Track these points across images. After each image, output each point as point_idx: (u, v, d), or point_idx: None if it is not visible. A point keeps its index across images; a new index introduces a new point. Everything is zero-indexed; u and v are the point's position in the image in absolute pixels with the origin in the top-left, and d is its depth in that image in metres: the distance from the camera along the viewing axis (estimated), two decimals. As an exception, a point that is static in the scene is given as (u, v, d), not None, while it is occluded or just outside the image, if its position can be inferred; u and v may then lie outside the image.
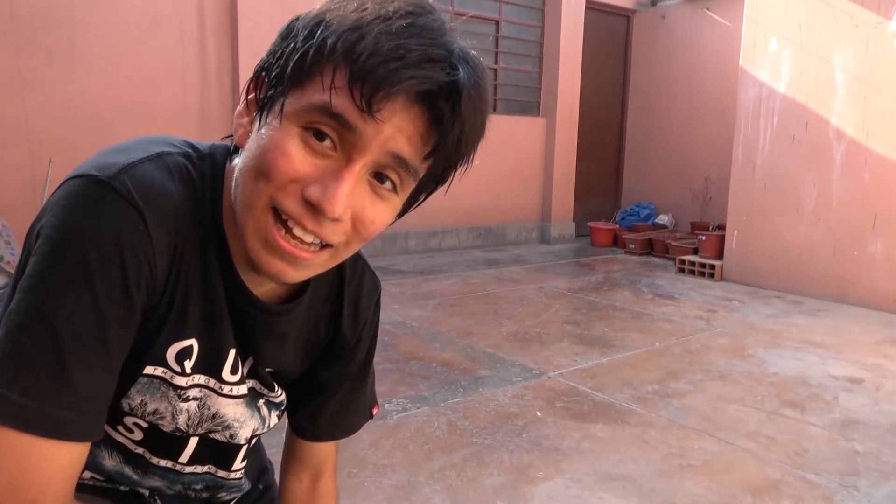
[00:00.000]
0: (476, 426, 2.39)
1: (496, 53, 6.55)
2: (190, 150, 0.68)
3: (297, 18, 0.60)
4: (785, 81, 4.80)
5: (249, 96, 0.63)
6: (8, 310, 0.57)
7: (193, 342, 0.70)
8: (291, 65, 0.57)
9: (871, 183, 4.39)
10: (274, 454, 0.98)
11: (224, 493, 0.87)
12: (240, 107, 0.65)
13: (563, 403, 2.64)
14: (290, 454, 0.90)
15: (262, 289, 0.72)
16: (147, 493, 0.82)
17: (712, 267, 5.29)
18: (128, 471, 0.79)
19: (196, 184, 0.66)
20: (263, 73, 0.61)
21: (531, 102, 6.94)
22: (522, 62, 6.82)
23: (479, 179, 6.51)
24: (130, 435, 0.75)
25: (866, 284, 4.43)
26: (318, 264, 0.63)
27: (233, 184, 0.64)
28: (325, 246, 0.62)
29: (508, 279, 5.09)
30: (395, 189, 0.62)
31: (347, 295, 0.80)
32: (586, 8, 6.94)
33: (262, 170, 0.58)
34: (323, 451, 0.89)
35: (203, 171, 0.67)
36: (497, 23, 6.51)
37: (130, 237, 0.58)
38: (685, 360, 3.22)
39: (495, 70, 6.60)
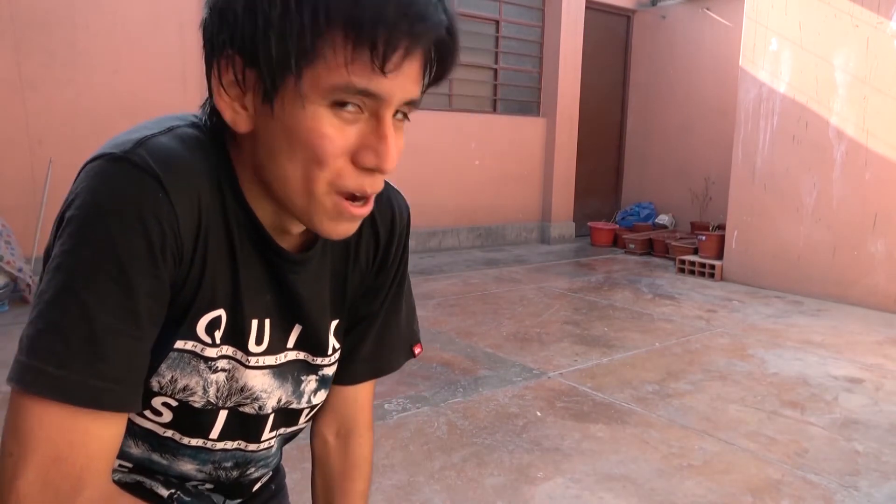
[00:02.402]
0: (476, 426, 2.39)
1: (496, 53, 6.55)
2: (196, 120, 0.69)
3: None
4: (785, 81, 4.80)
5: (226, 79, 0.61)
6: (39, 291, 0.58)
7: (222, 312, 0.69)
8: (292, 45, 0.56)
9: (871, 183, 4.39)
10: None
11: (252, 469, 0.85)
12: (218, 91, 0.63)
13: (563, 403, 2.64)
14: (322, 407, 0.87)
15: (283, 244, 0.72)
16: (168, 495, 0.81)
17: (712, 267, 5.29)
18: (156, 457, 0.78)
19: (210, 152, 0.66)
20: (231, 51, 0.59)
21: (531, 102, 6.94)
22: (522, 62, 6.82)
23: (479, 179, 6.51)
24: (158, 418, 0.74)
25: (866, 284, 4.43)
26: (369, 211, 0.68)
27: (250, 163, 0.66)
28: None
29: (508, 279, 5.09)
30: (405, 117, 0.67)
31: (381, 221, 0.82)
32: (586, 8, 6.94)
33: (309, 157, 0.60)
34: (356, 399, 0.87)
35: (212, 137, 0.67)
36: (497, 23, 6.51)
37: (152, 207, 0.58)
38: (685, 360, 3.22)
39: (495, 70, 6.60)
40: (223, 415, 0.76)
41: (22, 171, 4.20)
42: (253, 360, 0.74)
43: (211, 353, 0.70)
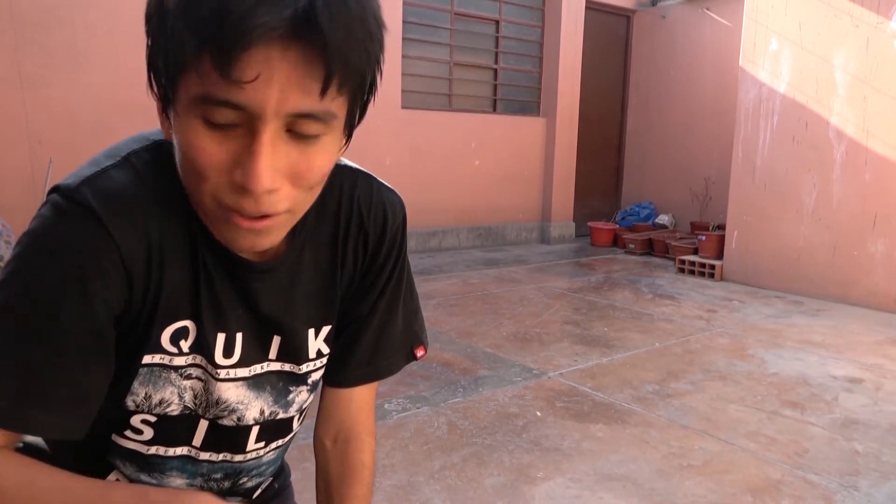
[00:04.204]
0: (476, 426, 2.39)
1: (496, 53, 6.55)
2: (160, 142, 0.69)
3: None
4: (785, 81, 4.80)
5: (153, 93, 0.61)
6: None
7: (188, 323, 0.70)
8: (162, 58, 0.55)
9: (871, 183, 4.39)
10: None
11: (245, 479, 0.85)
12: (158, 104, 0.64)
13: (563, 403, 2.64)
14: (319, 409, 0.87)
15: (251, 253, 0.71)
16: None
17: (712, 267, 5.29)
18: (144, 478, 0.78)
19: (170, 168, 0.66)
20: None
21: (531, 102, 6.94)
22: (522, 62, 6.82)
23: (479, 179, 6.51)
24: (140, 437, 0.75)
25: (866, 284, 4.43)
26: (279, 225, 0.62)
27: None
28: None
29: (508, 279, 5.09)
30: (326, 132, 0.58)
31: (371, 223, 0.79)
32: (586, 8, 6.94)
33: (192, 170, 0.59)
34: (354, 402, 0.86)
35: (171, 161, 0.66)
36: (497, 23, 6.51)
37: (88, 244, 0.61)
38: (685, 360, 3.22)
39: (495, 70, 6.60)
40: (203, 424, 0.76)
41: (22, 171, 4.20)
42: (223, 373, 0.74)
43: (180, 361, 0.71)
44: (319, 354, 0.81)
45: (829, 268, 4.63)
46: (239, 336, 0.74)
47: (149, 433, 0.74)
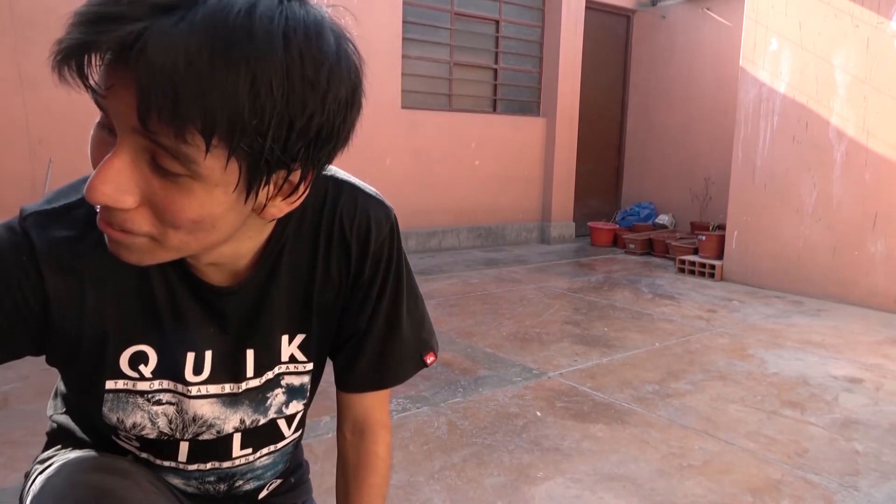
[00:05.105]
0: (476, 426, 2.39)
1: (496, 53, 6.55)
2: None
3: None
4: (785, 81, 4.80)
5: None
6: None
7: (146, 347, 0.72)
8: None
9: (871, 183, 4.39)
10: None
11: (240, 482, 0.86)
12: None
13: (563, 403, 2.64)
14: (338, 406, 0.90)
15: (223, 275, 0.73)
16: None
17: (712, 267, 5.29)
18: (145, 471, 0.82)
19: None
20: None
21: (531, 102, 6.94)
22: (522, 62, 6.82)
23: (479, 179, 6.51)
24: (130, 443, 0.78)
25: (866, 284, 4.43)
26: (142, 249, 0.59)
27: None
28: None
29: (508, 279, 5.09)
30: (191, 175, 0.54)
31: (354, 234, 0.78)
32: (586, 8, 6.94)
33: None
34: (364, 403, 0.88)
35: None
36: (497, 23, 6.51)
37: (12, 271, 0.65)
38: (685, 360, 3.22)
39: (495, 70, 6.60)
40: (185, 445, 0.78)
41: (22, 171, 4.20)
42: (195, 390, 0.75)
43: (144, 386, 0.73)
44: (293, 359, 0.81)
45: (829, 268, 4.63)
46: (208, 354, 0.75)
47: (136, 443, 0.78)
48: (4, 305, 0.65)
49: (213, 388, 0.76)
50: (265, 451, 0.85)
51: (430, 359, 0.89)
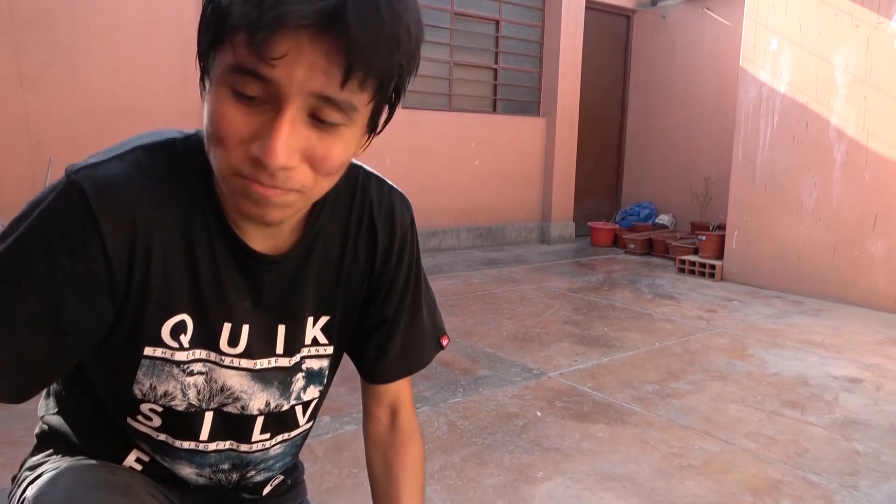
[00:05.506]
0: (476, 426, 2.39)
1: (496, 53, 6.55)
2: (176, 134, 0.72)
3: None
4: (785, 81, 4.80)
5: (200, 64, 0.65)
6: None
7: (185, 317, 0.72)
8: (207, 27, 0.59)
9: (871, 183, 4.39)
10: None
11: (252, 472, 0.86)
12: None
13: (563, 403, 2.64)
14: (365, 396, 0.92)
15: (266, 245, 0.74)
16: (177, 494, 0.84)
17: (712, 267, 5.29)
18: (157, 459, 0.81)
19: (180, 163, 0.70)
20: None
21: (531, 102, 6.94)
22: (522, 62, 6.82)
23: (479, 179, 6.51)
24: (150, 423, 0.77)
25: (866, 284, 4.43)
26: (290, 203, 0.64)
27: None
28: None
29: (508, 279, 5.09)
30: (346, 123, 0.61)
31: (380, 221, 0.82)
32: (586, 8, 6.94)
33: (214, 137, 0.61)
34: (394, 389, 0.91)
35: (189, 148, 0.71)
36: (497, 23, 6.51)
37: (69, 226, 0.63)
38: (685, 360, 3.22)
39: (495, 70, 6.60)
40: (209, 416, 0.78)
41: (22, 170, 4.20)
42: (227, 360, 0.76)
43: (181, 356, 0.73)
44: (315, 342, 0.83)
45: (829, 268, 4.63)
46: (245, 328, 0.76)
47: (157, 420, 0.76)
48: (78, 272, 0.64)
49: (246, 363, 0.77)
50: (280, 438, 0.85)
51: (445, 341, 0.94)
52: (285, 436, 0.86)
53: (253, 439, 0.82)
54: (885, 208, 4.32)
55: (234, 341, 0.76)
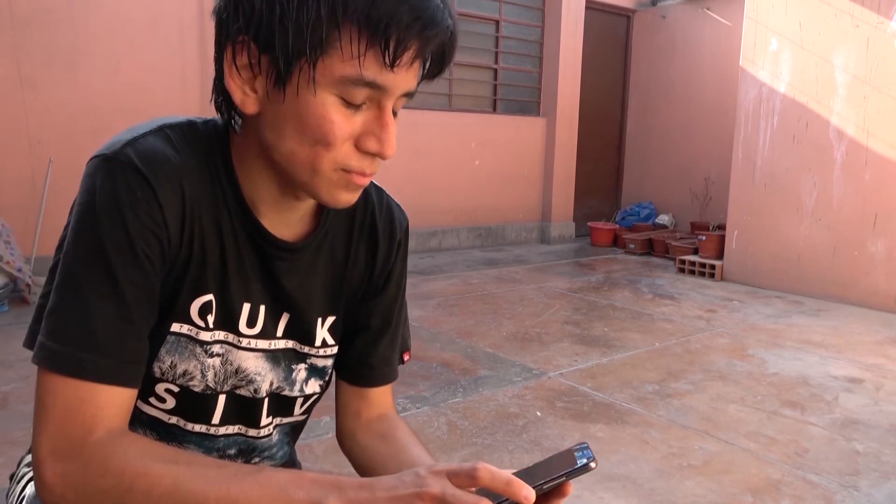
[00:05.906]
0: (476, 426, 2.39)
1: (496, 53, 6.55)
2: (194, 118, 0.75)
3: None
4: (785, 81, 4.80)
5: (239, 62, 0.65)
6: (56, 273, 0.66)
7: (211, 297, 0.74)
8: (309, 35, 0.60)
9: (871, 183, 4.39)
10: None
11: (257, 458, 0.87)
12: (230, 73, 0.66)
13: (563, 403, 2.64)
14: (346, 414, 0.89)
15: (280, 232, 0.77)
16: None
17: (712, 267, 5.29)
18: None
19: (203, 143, 0.72)
20: (246, 37, 0.63)
21: (531, 102, 6.94)
22: (522, 62, 6.82)
23: (479, 179, 6.51)
24: (163, 405, 0.77)
25: (866, 284, 4.43)
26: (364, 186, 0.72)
27: (255, 146, 0.70)
28: None
29: (508, 279, 5.09)
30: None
31: (381, 224, 0.86)
32: (586, 8, 6.94)
33: (318, 139, 0.65)
34: (380, 395, 0.90)
35: (209, 132, 0.73)
36: (497, 23, 6.51)
37: (135, 202, 0.64)
38: (685, 360, 3.22)
39: (495, 70, 6.60)
40: (222, 399, 0.79)
41: (22, 170, 4.19)
42: (245, 342, 0.78)
43: (205, 336, 0.74)
44: (324, 344, 0.85)
45: (829, 268, 4.63)
46: (262, 308, 0.78)
47: (171, 402, 0.77)
48: (149, 242, 0.65)
49: (262, 343, 0.79)
50: (277, 420, 0.86)
51: (406, 356, 0.95)
52: (282, 419, 0.87)
53: (261, 423, 0.84)
54: (885, 208, 4.32)
55: (252, 322, 0.78)
